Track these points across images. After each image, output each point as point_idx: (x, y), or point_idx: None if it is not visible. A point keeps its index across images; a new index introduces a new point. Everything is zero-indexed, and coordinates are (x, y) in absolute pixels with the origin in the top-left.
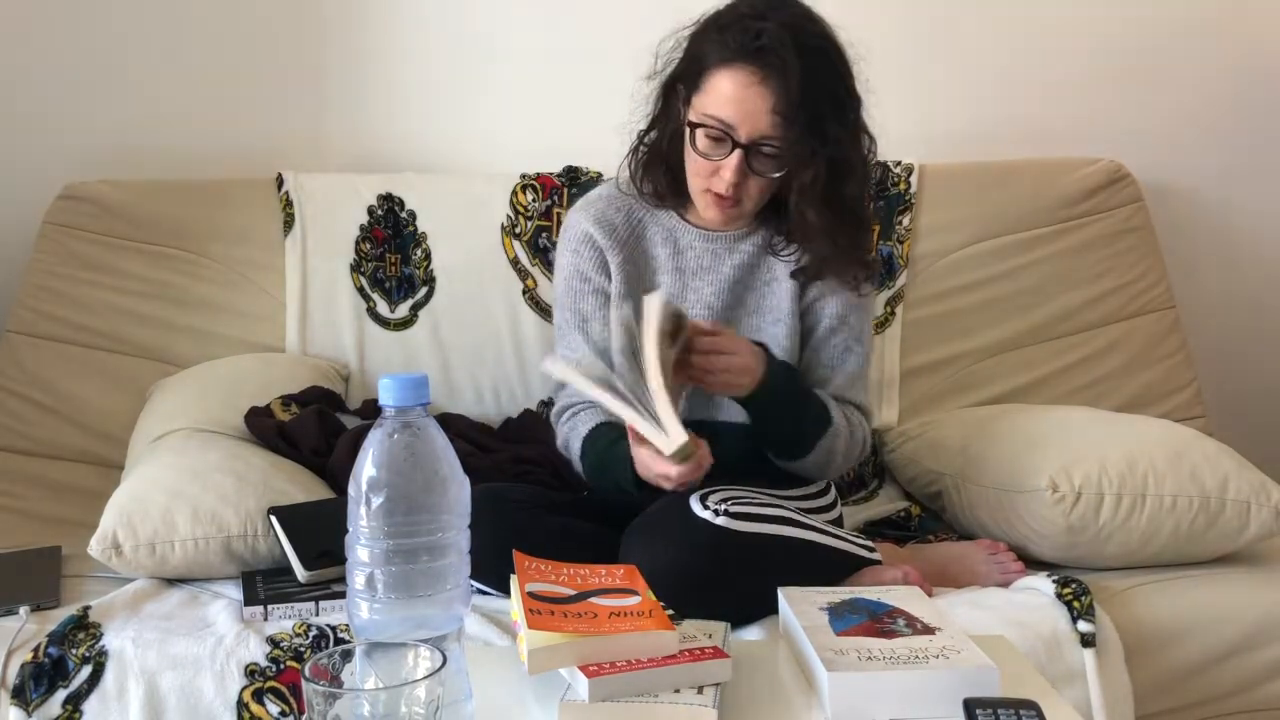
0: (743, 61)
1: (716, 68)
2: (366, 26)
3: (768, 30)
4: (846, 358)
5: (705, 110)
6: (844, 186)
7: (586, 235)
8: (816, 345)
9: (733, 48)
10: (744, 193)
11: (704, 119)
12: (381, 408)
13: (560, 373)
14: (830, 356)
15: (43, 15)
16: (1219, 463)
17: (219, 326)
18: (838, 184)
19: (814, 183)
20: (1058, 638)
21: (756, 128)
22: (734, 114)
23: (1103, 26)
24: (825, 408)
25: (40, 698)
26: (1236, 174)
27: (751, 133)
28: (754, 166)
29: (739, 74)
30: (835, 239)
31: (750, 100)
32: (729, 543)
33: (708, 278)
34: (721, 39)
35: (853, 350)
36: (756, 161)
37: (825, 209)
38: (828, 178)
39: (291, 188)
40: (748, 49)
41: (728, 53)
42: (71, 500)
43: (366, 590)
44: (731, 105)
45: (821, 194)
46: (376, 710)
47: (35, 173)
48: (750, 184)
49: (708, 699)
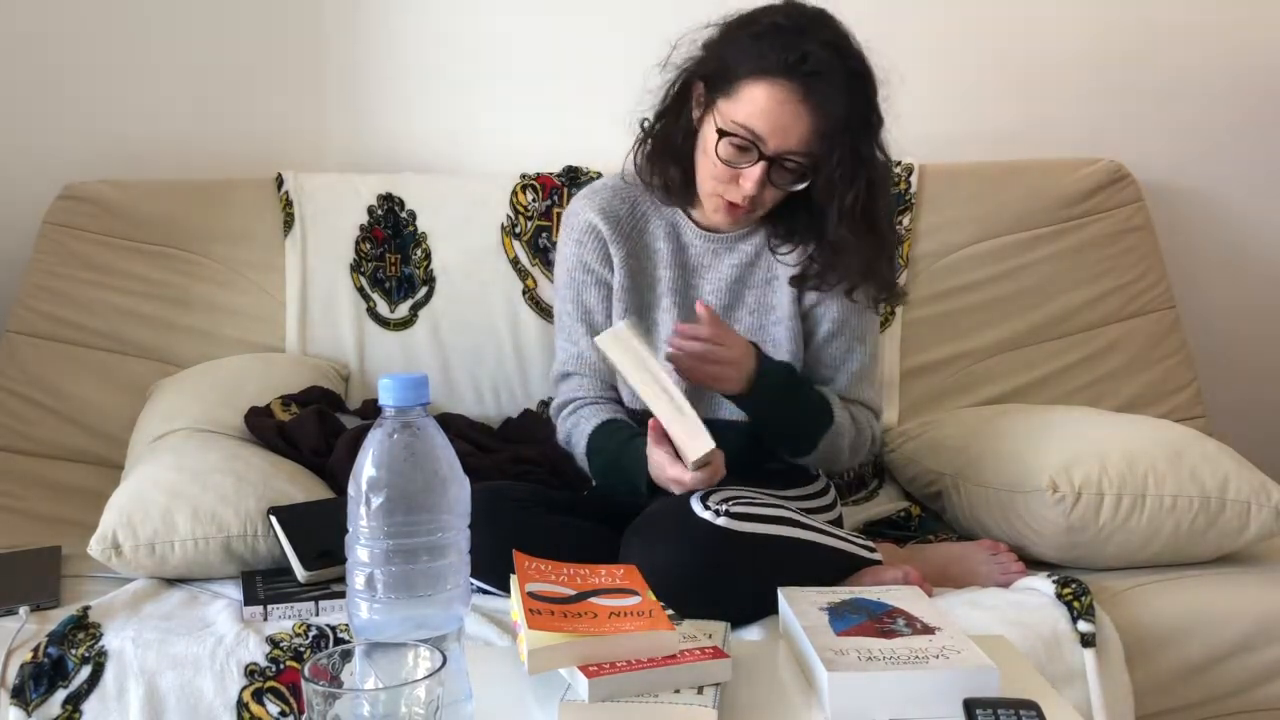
0: (784, 77)
1: (752, 79)
2: (366, 26)
3: (813, 52)
4: (849, 358)
5: (734, 118)
6: (877, 205)
7: (590, 225)
8: (818, 348)
9: (772, 61)
10: (759, 202)
11: (733, 127)
12: (381, 408)
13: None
14: (832, 358)
15: (43, 15)
16: (1219, 463)
17: (219, 326)
18: (874, 204)
19: (855, 204)
20: (1058, 638)
21: (786, 143)
22: (766, 127)
23: (1103, 27)
24: (827, 404)
25: (40, 698)
26: (1237, 174)
27: (780, 147)
28: (774, 178)
29: (777, 89)
30: (871, 261)
31: (786, 116)
32: (729, 543)
33: (708, 275)
34: (757, 49)
35: (855, 350)
36: (777, 174)
37: (867, 231)
38: (869, 197)
39: (291, 188)
40: (790, 66)
41: (766, 64)
42: (71, 500)
43: (366, 590)
44: (765, 118)
45: (862, 216)
46: (376, 710)
47: (35, 173)
48: (766, 194)
49: (708, 699)
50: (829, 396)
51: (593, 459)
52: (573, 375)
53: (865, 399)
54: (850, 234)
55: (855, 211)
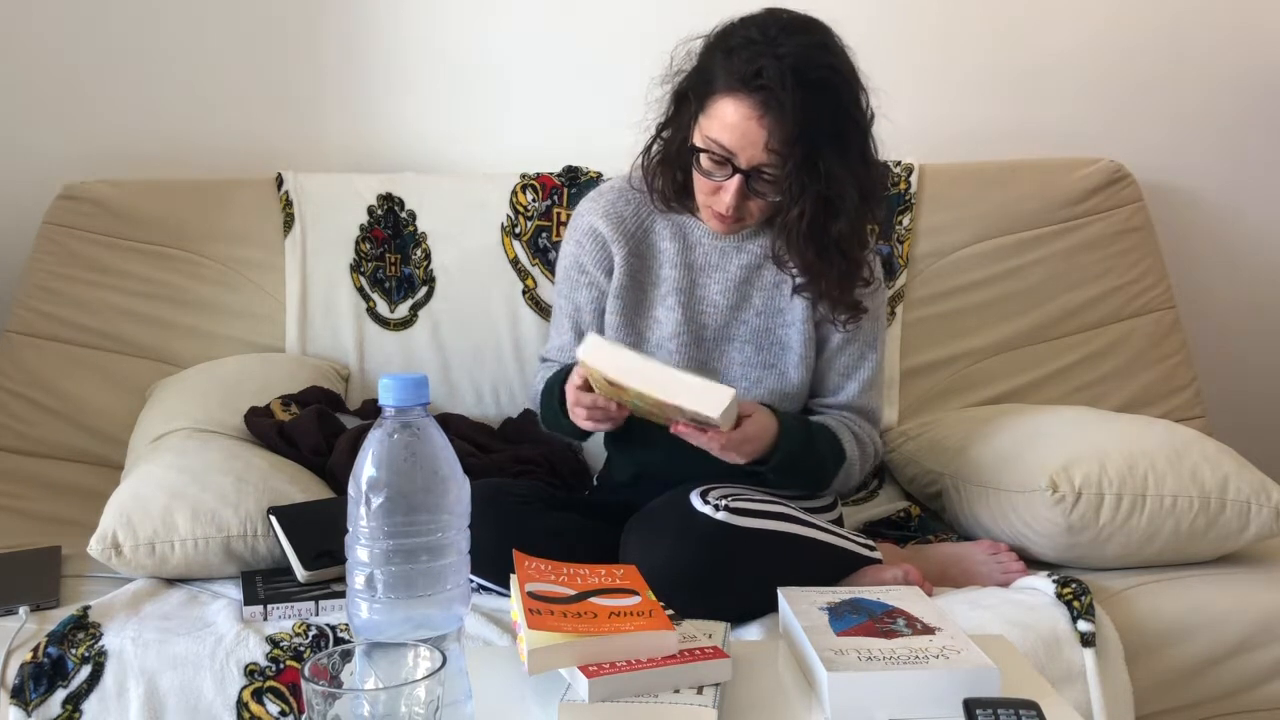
0: (745, 92)
1: (721, 94)
2: (366, 27)
3: (768, 66)
4: (861, 365)
5: (708, 133)
6: (833, 224)
7: (591, 229)
8: (832, 355)
9: (737, 76)
10: (745, 211)
11: (707, 143)
12: (381, 408)
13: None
14: (845, 366)
15: (43, 15)
16: (1219, 463)
17: (219, 326)
18: (826, 221)
19: (799, 220)
20: (1058, 638)
21: (755, 157)
22: (733, 142)
23: (1103, 27)
24: (839, 444)
25: (40, 697)
26: (1237, 174)
27: (750, 161)
28: (754, 189)
29: (740, 105)
30: (820, 277)
31: (750, 132)
32: (730, 538)
33: (715, 275)
34: (728, 63)
35: (867, 358)
36: (757, 184)
37: (809, 248)
38: (815, 215)
39: (291, 188)
40: (748, 80)
41: (733, 80)
42: (71, 500)
43: (366, 590)
44: (730, 133)
45: (806, 232)
46: (376, 710)
47: (35, 173)
48: (751, 204)
49: (708, 699)
50: (839, 434)
51: (545, 395)
52: (550, 365)
53: (871, 407)
54: (795, 252)
55: (800, 229)
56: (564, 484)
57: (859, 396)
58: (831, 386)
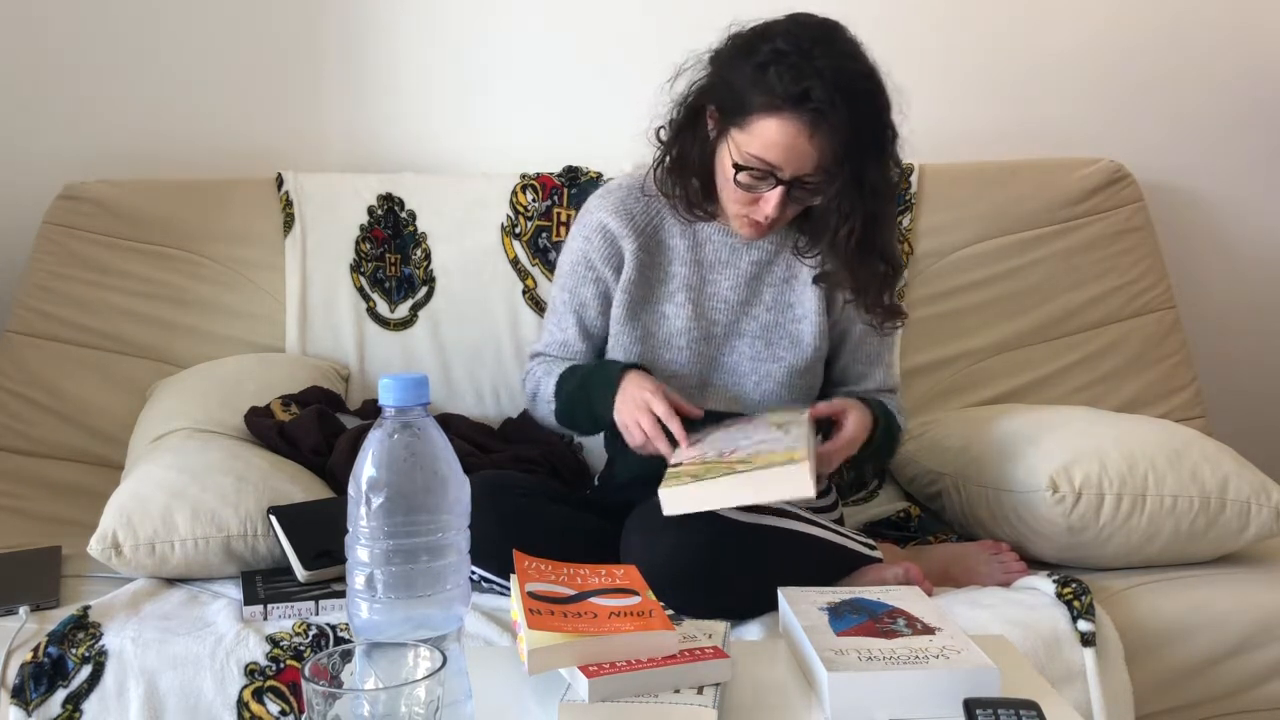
0: (792, 112)
1: (763, 114)
2: (366, 26)
3: (814, 86)
4: (883, 351)
5: (750, 150)
6: (879, 235)
7: (601, 226)
8: (855, 345)
9: (780, 95)
10: (782, 219)
11: (749, 160)
12: (381, 408)
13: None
14: (868, 354)
15: (43, 15)
16: (1219, 463)
17: (219, 326)
18: (873, 234)
19: (849, 238)
20: (1058, 637)
21: (802, 169)
22: (780, 158)
23: (1103, 27)
24: (898, 424)
25: (40, 697)
26: (1237, 174)
27: (796, 173)
28: (794, 196)
29: (787, 124)
30: (866, 289)
31: (800, 148)
32: (730, 535)
33: (726, 271)
34: (765, 81)
35: (886, 342)
36: (797, 191)
37: (860, 263)
38: (865, 232)
39: (291, 188)
40: (796, 100)
41: (776, 100)
42: (71, 500)
43: (366, 590)
44: (777, 151)
45: (855, 248)
46: (376, 710)
47: (35, 173)
48: (788, 210)
49: (708, 699)
50: (893, 411)
51: (561, 386)
52: (550, 359)
53: (897, 384)
54: (843, 266)
55: (850, 245)
56: (564, 484)
57: (888, 378)
58: (858, 374)
